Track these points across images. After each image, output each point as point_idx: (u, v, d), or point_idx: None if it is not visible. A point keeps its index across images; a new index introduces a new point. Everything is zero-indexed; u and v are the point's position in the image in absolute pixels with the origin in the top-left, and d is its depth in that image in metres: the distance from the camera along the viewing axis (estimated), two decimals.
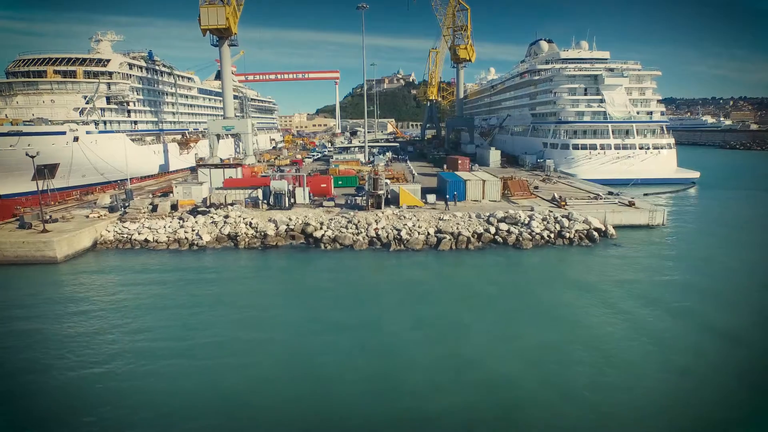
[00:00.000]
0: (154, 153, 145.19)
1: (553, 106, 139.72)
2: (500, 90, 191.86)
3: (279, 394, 33.66)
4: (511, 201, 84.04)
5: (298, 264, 62.44)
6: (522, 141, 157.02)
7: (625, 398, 32.84)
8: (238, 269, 60.95)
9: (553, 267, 60.13)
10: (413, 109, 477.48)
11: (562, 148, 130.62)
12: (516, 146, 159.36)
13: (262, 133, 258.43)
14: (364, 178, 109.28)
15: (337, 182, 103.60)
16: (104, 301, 50.16)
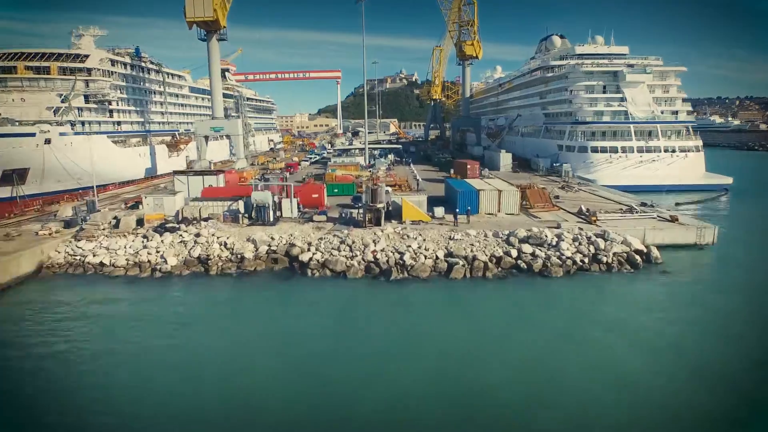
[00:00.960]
0: (140, 156, 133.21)
1: (568, 106, 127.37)
2: (508, 89, 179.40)
3: None
4: (532, 215, 71.76)
5: (278, 297, 50.43)
6: (533, 143, 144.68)
7: None
8: (204, 304, 48.85)
9: (591, 302, 47.96)
10: (416, 109, 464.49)
11: (580, 151, 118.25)
12: (527, 148, 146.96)
13: (260, 133, 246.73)
14: (362, 186, 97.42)
15: (332, 190, 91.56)
16: (17, 355, 38.07)
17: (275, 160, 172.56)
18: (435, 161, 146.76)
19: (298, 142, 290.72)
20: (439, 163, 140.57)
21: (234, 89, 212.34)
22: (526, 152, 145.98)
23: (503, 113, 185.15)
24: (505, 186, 76.63)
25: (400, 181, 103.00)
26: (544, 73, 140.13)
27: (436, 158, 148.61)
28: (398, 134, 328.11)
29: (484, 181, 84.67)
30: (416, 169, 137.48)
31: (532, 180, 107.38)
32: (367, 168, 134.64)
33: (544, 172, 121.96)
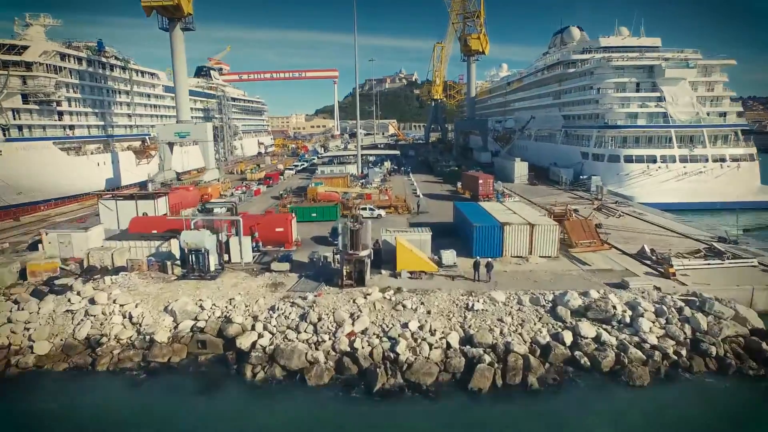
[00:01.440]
0: (100, 165, 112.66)
1: (594, 106, 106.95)
2: (518, 88, 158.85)
3: None
4: (576, 258, 51.40)
5: (188, 425, 30.10)
6: (550, 149, 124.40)
7: None
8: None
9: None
10: (416, 110, 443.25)
11: (611, 161, 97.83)
12: (542, 155, 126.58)
13: (248, 136, 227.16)
14: (349, 207, 77.28)
15: (309, 215, 71.78)
16: None
17: (258, 168, 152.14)
18: (438, 171, 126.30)
19: (291, 145, 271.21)
20: (442, 173, 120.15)
21: (218, 88, 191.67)
22: (541, 159, 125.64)
23: (512, 115, 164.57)
24: (536, 216, 56.14)
25: (397, 200, 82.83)
26: (563, 69, 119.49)
27: (440, 168, 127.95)
28: (397, 136, 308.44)
29: (505, 206, 64.36)
30: (416, 180, 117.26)
31: (554, 195, 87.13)
32: (359, 179, 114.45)
33: (568, 186, 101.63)
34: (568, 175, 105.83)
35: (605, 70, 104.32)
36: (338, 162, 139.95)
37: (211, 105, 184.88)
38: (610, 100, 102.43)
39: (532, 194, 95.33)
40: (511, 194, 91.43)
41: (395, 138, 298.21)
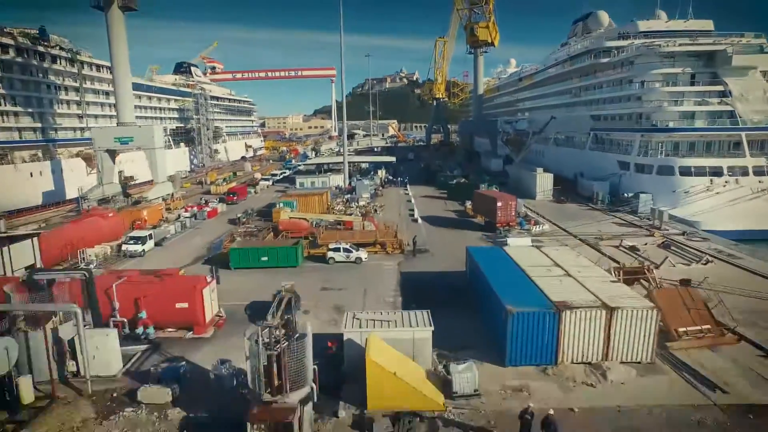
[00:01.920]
0: (35, 175, 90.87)
1: (637, 104, 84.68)
2: (532, 84, 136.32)
3: None
4: (683, 365, 28.75)
5: None
6: (575, 156, 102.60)
7: None
8: None
9: None
10: (417, 110, 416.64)
11: (661, 173, 75.58)
12: (563, 163, 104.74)
13: (234, 139, 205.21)
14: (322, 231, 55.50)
15: (256, 259, 49.75)
16: None
17: (232, 177, 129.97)
18: (441, 182, 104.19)
19: (282, 148, 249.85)
20: (446, 185, 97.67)
21: (197, 86, 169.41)
22: (562, 168, 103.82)
23: (524, 115, 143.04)
24: (609, 287, 33.25)
25: (386, 232, 60.68)
26: (593, 59, 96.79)
27: (443, 177, 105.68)
28: (397, 137, 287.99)
29: (542, 251, 41.88)
30: (415, 195, 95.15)
31: (603, 226, 65.11)
32: (345, 194, 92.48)
33: (606, 205, 79.35)
34: (602, 189, 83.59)
35: (650, 58, 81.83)
36: (325, 170, 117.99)
37: (188, 104, 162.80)
38: (658, 95, 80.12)
39: (562, 216, 73.38)
40: (537, 219, 69.16)
41: (395, 140, 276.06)
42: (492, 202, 65.41)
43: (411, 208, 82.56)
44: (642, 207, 72.54)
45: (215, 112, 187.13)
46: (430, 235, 65.00)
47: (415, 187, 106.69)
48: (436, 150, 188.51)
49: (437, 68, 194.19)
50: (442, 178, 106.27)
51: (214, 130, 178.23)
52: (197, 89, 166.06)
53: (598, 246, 56.89)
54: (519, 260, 38.89)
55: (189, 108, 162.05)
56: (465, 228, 68.58)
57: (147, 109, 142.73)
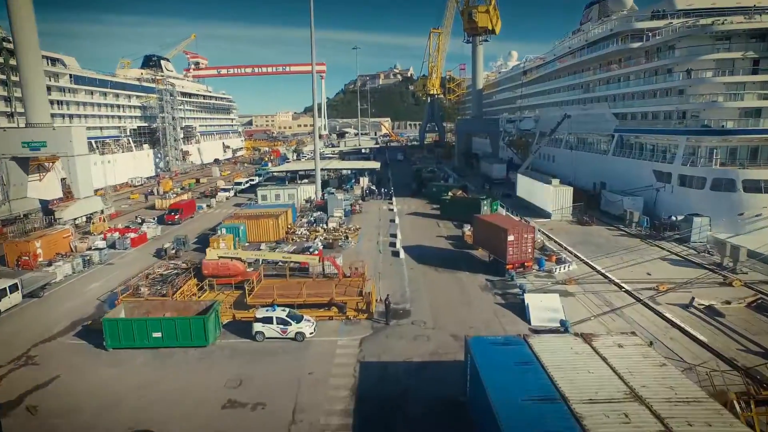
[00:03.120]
0: None
1: (680, 99, 66.66)
2: (538, 78, 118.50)
3: None
4: None
5: None
6: (594, 162, 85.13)
7: None
8: None
9: None
10: (411, 107, 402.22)
11: (718, 188, 57.84)
12: (580, 170, 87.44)
13: (210, 139, 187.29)
14: (249, 290, 37.35)
15: (144, 336, 32.14)
16: None
17: (192, 186, 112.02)
18: (432, 193, 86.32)
19: (263, 148, 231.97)
20: (438, 198, 79.51)
21: (165, 81, 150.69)
22: (577, 175, 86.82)
23: (529, 113, 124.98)
24: None
25: (348, 286, 42.44)
26: (621, 44, 78.46)
27: (435, 188, 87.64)
28: (389, 137, 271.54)
29: (613, 369, 23.21)
30: (401, 211, 77.33)
31: (656, 267, 47.21)
32: (313, 211, 74.82)
33: (644, 229, 61.43)
34: (635, 206, 65.78)
35: (699, 40, 63.70)
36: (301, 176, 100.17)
37: (153, 101, 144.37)
38: (709, 88, 62.03)
39: (590, 247, 55.81)
40: (560, 256, 51.23)
41: (387, 139, 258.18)
42: (500, 235, 47.32)
43: (393, 233, 64.41)
44: (696, 235, 54.52)
45: (187, 110, 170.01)
46: (415, 279, 47.10)
47: (403, 199, 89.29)
48: (429, 151, 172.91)
49: (431, 62, 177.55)
50: (434, 188, 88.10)
51: (186, 129, 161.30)
52: (165, 84, 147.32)
53: (655, 302, 39.08)
54: (559, 380, 21.04)
55: (152, 105, 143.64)
56: (462, 267, 50.67)
57: (102, 106, 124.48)
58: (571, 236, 61.31)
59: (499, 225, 48.37)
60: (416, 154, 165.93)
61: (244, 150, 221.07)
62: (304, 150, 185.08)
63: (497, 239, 47.96)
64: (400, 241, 60.54)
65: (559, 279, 46.21)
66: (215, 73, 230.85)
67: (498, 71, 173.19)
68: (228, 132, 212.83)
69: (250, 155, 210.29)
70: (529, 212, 73.88)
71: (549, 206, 70.70)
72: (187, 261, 52.91)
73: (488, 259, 50.94)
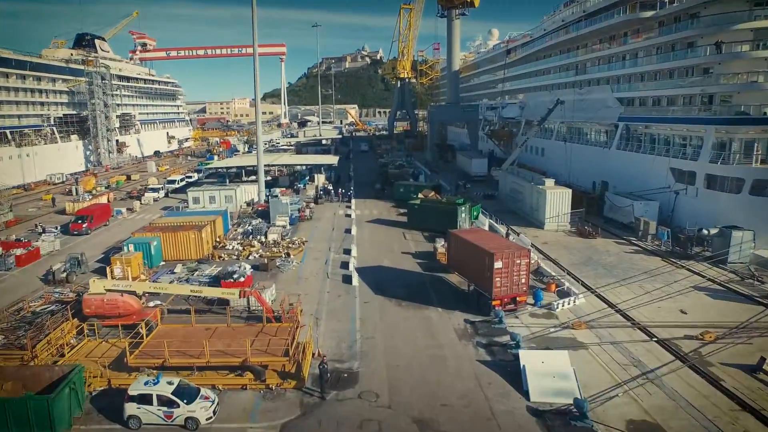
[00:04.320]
0: None
1: (704, 81, 57.45)
2: (524, 58, 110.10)
3: None
4: None
5: None
6: (594, 158, 76.19)
7: None
8: None
9: None
10: (381, 93, 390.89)
11: (761, 191, 48.05)
12: (577, 166, 78.25)
13: (153, 128, 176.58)
14: None
15: None
16: None
17: (119, 184, 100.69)
18: (399, 193, 77.12)
19: (214, 139, 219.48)
20: (406, 200, 69.22)
21: (97, 63, 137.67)
22: (574, 172, 78.09)
23: (513, 98, 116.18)
24: None
25: (274, 335, 31.56)
26: (628, 13, 68.92)
27: (402, 188, 77.67)
28: (356, 125, 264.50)
29: None
30: (360, 217, 67.39)
31: (690, 300, 37.31)
32: (249, 220, 64.37)
33: (663, 243, 52.16)
34: (649, 213, 56.54)
35: (731, 5, 54.10)
36: (249, 173, 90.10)
37: (82, 86, 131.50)
38: (748, 65, 52.72)
39: (597, 268, 46.25)
40: (562, 284, 41.44)
41: (353, 128, 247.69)
42: (483, 260, 37.17)
43: (348, 248, 53.85)
44: (736, 254, 44.99)
45: (125, 96, 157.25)
46: (370, 320, 37.25)
47: (365, 202, 79.45)
48: (399, 142, 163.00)
49: (402, 42, 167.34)
50: (401, 188, 77.99)
51: (123, 118, 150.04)
52: (97, 66, 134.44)
53: (704, 360, 29.26)
54: None
55: (83, 91, 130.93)
56: (434, 300, 40.85)
57: (20, 91, 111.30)
58: (572, 253, 51.63)
59: (483, 247, 37.99)
60: (384, 145, 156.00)
61: (191, 141, 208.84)
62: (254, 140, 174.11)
63: (480, 265, 37.70)
64: (356, 260, 50.03)
65: (563, 320, 36.21)
66: (164, 55, 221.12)
67: (477, 52, 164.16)
68: (174, 120, 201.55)
69: (197, 147, 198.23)
70: (517, 219, 64.50)
71: (542, 213, 60.92)
72: (80, 288, 42.11)
73: (467, 289, 40.80)
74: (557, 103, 78.07)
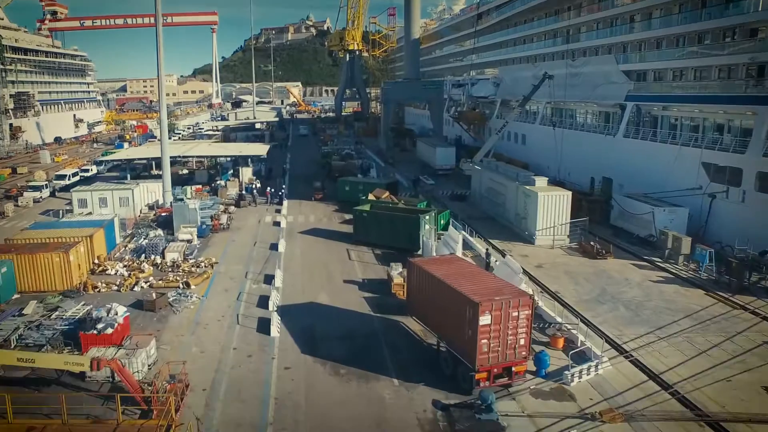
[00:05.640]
0: None
1: (752, 46, 47.67)
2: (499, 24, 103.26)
3: None
4: None
5: None
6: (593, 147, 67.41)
7: None
8: None
9: None
10: (328, 69, 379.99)
11: None
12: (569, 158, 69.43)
13: (53, 111, 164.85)
14: None
15: None
16: None
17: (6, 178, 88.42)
18: (344, 193, 68.18)
19: (130, 122, 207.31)
20: (350, 199, 61.95)
21: None
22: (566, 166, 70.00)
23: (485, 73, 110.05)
24: None
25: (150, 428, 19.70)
26: None
27: (348, 186, 68.11)
28: (298, 105, 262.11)
29: None
30: (292, 227, 57.30)
31: None
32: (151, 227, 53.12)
33: (709, 269, 42.08)
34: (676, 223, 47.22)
35: None
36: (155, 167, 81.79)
37: None
38: None
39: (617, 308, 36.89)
40: (573, 336, 31.18)
41: (295, 109, 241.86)
42: (462, 310, 27.30)
43: (272, 274, 42.99)
44: None
45: (21, 71, 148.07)
46: (290, 401, 27.46)
47: (300, 204, 69.85)
48: (348, 126, 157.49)
49: (351, 8, 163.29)
50: (347, 186, 68.65)
51: (18, 97, 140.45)
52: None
53: None
54: None
55: None
56: (387, 365, 31.19)
57: None
58: (578, 282, 41.63)
59: (462, 291, 27.35)
60: (329, 129, 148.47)
61: (103, 124, 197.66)
62: (180, 125, 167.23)
63: (456, 318, 27.40)
64: (279, 294, 39.23)
65: (583, 404, 25.92)
66: (78, 25, 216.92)
67: (440, 18, 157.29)
68: (82, 101, 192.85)
69: (111, 131, 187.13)
70: (497, 229, 55.32)
71: (532, 222, 50.74)
72: None
73: (435, 346, 30.25)
74: (544, 77, 69.10)
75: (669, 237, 45.45)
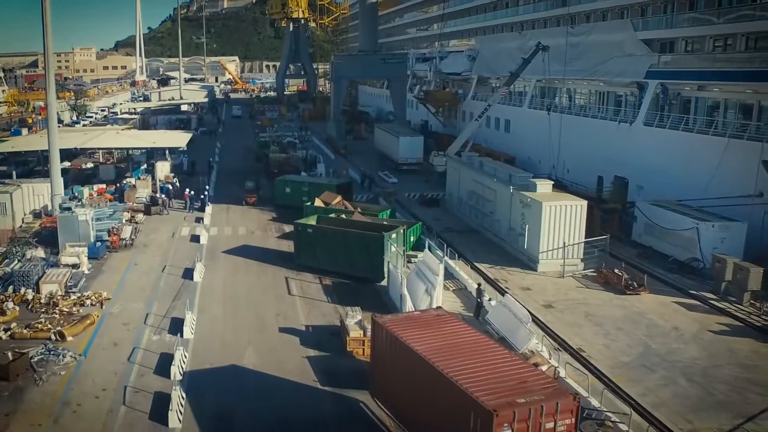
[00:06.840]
0: None
1: None
2: None
3: None
4: None
5: None
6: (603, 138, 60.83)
7: None
8: None
9: None
10: (270, 42, 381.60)
11: None
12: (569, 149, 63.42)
13: None
14: None
15: None
16: None
17: None
18: (284, 196, 61.30)
19: (37, 103, 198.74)
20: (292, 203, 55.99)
21: None
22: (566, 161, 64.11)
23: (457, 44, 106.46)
24: None
25: None
26: None
27: (289, 187, 62.04)
28: (234, 83, 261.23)
29: None
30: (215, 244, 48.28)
31: None
32: (29, 245, 44.65)
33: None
34: (729, 245, 40.00)
35: None
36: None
37: None
38: None
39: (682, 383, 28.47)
40: None
41: (231, 87, 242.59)
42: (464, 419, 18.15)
43: (181, 317, 34.34)
44: None
45: None
46: None
47: (228, 210, 62.27)
48: (292, 107, 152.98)
49: None
50: (287, 188, 61.07)
51: None
52: None
53: None
54: None
55: None
56: None
57: None
58: (607, 331, 33.72)
59: (463, 387, 18.85)
60: (269, 112, 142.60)
61: (3, 106, 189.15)
62: (94, 106, 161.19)
63: (451, 424, 18.90)
64: (189, 352, 31.09)
65: None
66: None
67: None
68: None
69: (12, 114, 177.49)
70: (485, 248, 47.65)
71: (534, 242, 42.32)
72: None
73: None
74: (537, 49, 61.63)
75: (728, 265, 37.01)
